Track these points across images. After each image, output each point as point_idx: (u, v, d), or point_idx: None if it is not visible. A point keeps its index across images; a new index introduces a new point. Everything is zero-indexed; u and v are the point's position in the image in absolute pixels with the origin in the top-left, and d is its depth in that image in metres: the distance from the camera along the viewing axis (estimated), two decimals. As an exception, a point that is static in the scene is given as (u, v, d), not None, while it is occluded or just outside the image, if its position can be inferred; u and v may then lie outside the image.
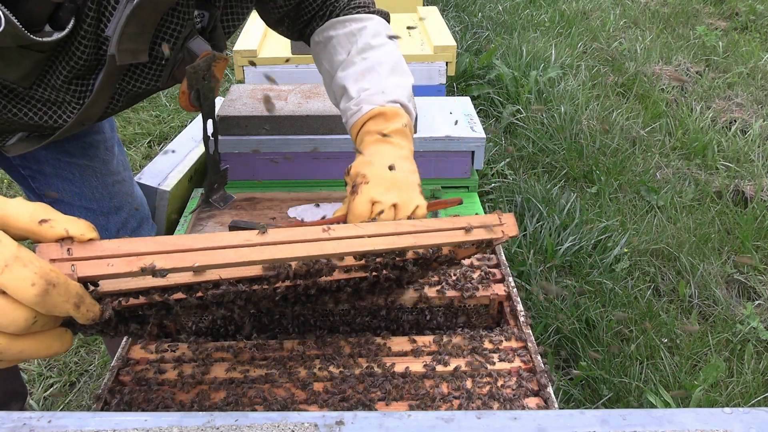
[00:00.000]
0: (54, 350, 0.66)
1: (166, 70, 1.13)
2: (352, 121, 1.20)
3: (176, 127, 3.74)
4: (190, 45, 1.11)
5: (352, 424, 0.75)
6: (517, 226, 0.96)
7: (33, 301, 0.60)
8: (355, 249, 0.82)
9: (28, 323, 0.61)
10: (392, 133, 1.16)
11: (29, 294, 0.59)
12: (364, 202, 1.07)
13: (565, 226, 2.80)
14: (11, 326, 0.60)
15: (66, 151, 1.41)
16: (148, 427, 0.74)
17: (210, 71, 1.14)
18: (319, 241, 0.80)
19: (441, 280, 1.23)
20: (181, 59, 1.12)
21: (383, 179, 1.09)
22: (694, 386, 2.05)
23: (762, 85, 4.29)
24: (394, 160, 1.13)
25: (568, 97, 3.91)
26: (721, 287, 2.56)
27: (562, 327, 2.29)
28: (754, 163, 3.38)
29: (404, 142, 1.17)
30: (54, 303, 0.61)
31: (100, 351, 2.28)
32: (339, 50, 1.27)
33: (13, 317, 0.60)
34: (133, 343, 1.11)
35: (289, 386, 1.01)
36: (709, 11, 5.61)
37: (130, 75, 1.11)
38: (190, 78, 1.12)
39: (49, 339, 0.65)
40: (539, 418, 0.77)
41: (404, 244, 0.86)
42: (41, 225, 0.64)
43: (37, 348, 0.64)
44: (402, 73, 1.26)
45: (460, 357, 1.07)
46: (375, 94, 1.18)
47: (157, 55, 1.09)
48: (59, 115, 1.10)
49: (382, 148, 1.15)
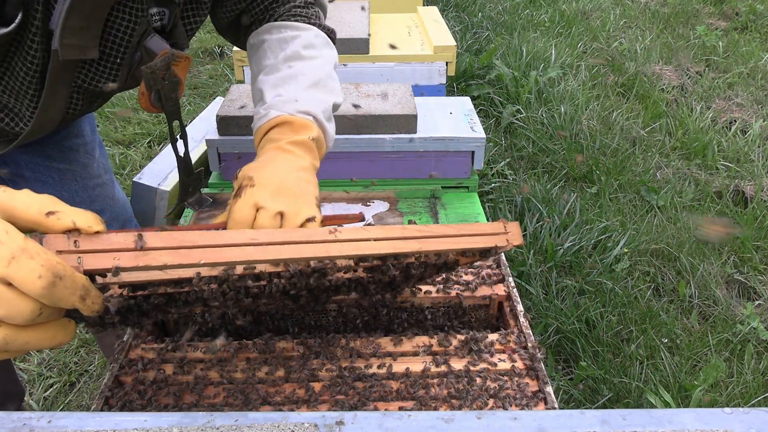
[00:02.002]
0: (58, 341, 0.66)
1: (123, 69, 1.10)
2: (257, 126, 1.13)
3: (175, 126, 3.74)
4: (147, 44, 1.07)
5: (352, 424, 0.75)
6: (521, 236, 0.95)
7: (39, 293, 0.60)
8: (360, 252, 0.82)
9: (34, 315, 0.61)
10: (294, 144, 1.07)
11: (36, 286, 0.59)
12: (248, 206, 0.96)
13: (565, 226, 2.81)
14: (17, 318, 0.60)
15: (46, 155, 1.39)
16: (148, 427, 0.74)
17: (170, 71, 1.09)
18: (325, 242, 0.79)
19: (441, 280, 1.23)
20: (138, 58, 1.09)
21: (270, 184, 0.98)
22: (694, 386, 2.05)
23: (762, 85, 4.29)
24: (289, 169, 1.03)
25: (568, 97, 3.91)
26: (721, 287, 2.56)
27: (562, 327, 2.29)
28: (754, 163, 3.38)
29: (306, 154, 1.08)
30: (60, 295, 0.62)
31: (100, 351, 2.28)
32: (268, 54, 1.22)
33: (19, 309, 0.60)
34: (133, 343, 1.11)
35: (289, 386, 1.01)
36: (709, 11, 5.62)
37: (85, 72, 1.08)
38: (148, 78, 1.07)
39: (53, 329, 0.65)
40: (539, 418, 0.77)
41: (409, 249, 0.86)
42: (48, 217, 0.64)
43: (42, 339, 0.64)
44: (325, 88, 1.19)
45: (460, 357, 1.07)
46: (287, 102, 1.12)
47: (109, 52, 1.05)
48: (16, 122, 1.08)
49: (279, 156, 1.05)
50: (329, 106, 1.16)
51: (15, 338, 0.61)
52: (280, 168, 1.02)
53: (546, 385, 1.01)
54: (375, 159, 1.86)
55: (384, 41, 2.56)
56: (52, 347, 0.66)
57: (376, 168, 1.86)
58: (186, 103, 4.07)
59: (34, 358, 2.25)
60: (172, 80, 1.10)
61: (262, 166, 1.02)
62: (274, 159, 1.04)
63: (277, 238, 0.76)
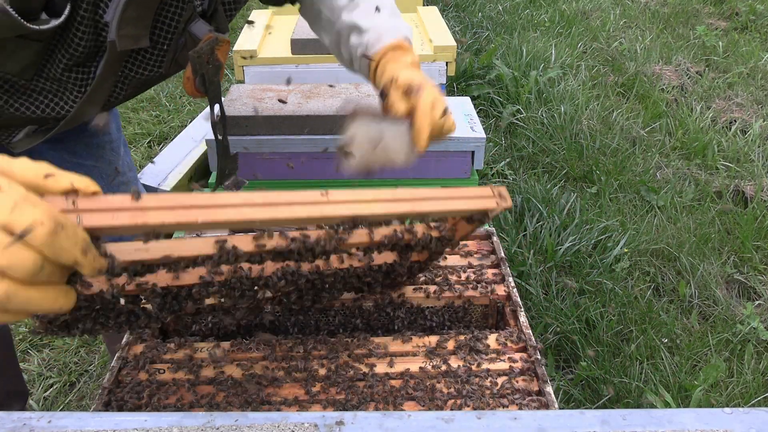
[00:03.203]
0: (59, 304, 0.65)
1: (168, 55, 1.12)
2: (375, 49, 1.20)
3: (176, 127, 3.74)
4: (191, 29, 1.10)
5: (352, 424, 0.75)
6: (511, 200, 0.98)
7: (42, 241, 0.59)
8: (355, 213, 0.82)
9: (36, 267, 0.60)
10: (416, 65, 1.18)
11: (39, 233, 0.59)
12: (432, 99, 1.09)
13: (565, 226, 2.81)
14: (19, 269, 0.59)
15: (72, 152, 1.41)
16: (148, 427, 0.74)
17: (213, 55, 1.12)
18: (319, 203, 0.80)
19: (441, 280, 1.23)
20: (183, 44, 1.12)
21: (431, 84, 1.12)
22: (694, 386, 2.05)
23: (762, 85, 4.29)
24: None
25: (568, 97, 3.91)
26: (721, 287, 2.56)
27: (562, 327, 2.29)
28: (754, 163, 3.38)
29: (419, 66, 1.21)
30: (62, 246, 0.61)
31: (100, 351, 2.28)
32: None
33: (22, 258, 0.59)
34: (134, 343, 1.11)
35: (289, 386, 1.01)
36: (709, 11, 5.61)
37: (132, 61, 1.11)
38: (194, 63, 1.10)
39: (55, 292, 0.65)
40: (539, 418, 0.77)
41: (402, 210, 0.87)
42: (46, 179, 0.65)
43: (43, 299, 0.63)
44: (398, 14, 1.30)
45: (460, 357, 1.07)
46: (389, 30, 1.21)
47: (158, 40, 1.08)
48: (61, 105, 1.10)
49: (418, 72, 1.16)
50: (410, 31, 1.27)
51: (16, 293, 0.60)
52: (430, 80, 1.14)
53: (546, 385, 1.01)
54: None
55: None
56: (52, 310, 0.65)
57: (376, 168, 1.86)
58: (186, 103, 4.08)
59: (35, 358, 2.25)
60: (215, 64, 1.13)
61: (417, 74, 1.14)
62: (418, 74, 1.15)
63: (272, 200, 0.77)
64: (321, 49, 2.40)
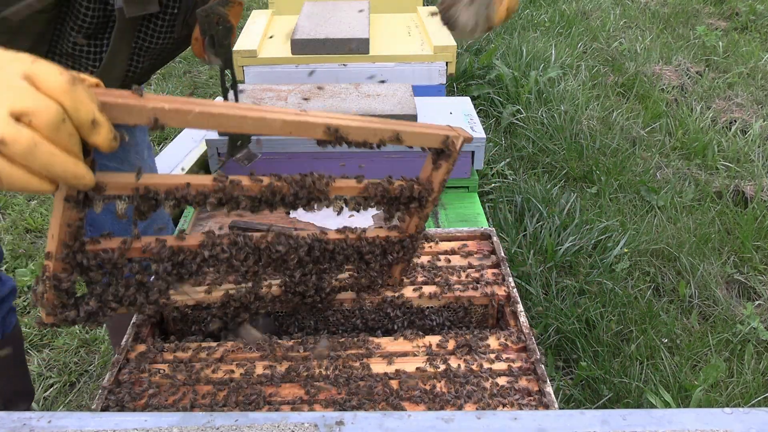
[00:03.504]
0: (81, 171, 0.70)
1: (179, 17, 1.10)
2: None
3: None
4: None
5: (352, 424, 0.75)
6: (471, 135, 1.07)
7: (63, 89, 0.64)
8: (333, 122, 0.90)
9: (59, 115, 0.64)
10: None
11: (59, 81, 0.64)
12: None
13: (565, 226, 2.81)
14: (44, 115, 0.63)
15: (98, 154, 1.40)
16: (148, 427, 0.74)
17: (224, 15, 1.08)
18: (301, 114, 0.89)
19: (441, 280, 1.23)
20: (193, 4, 1.09)
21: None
22: (694, 386, 2.05)
23: (762, 85, 4.29)
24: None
25: (568, 97, 3.91)
26: (721, 287, 2.56)
27: (562, 327, 2.29)
28: (754, 163, 3.38)
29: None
30: (81, 98, 0.66)
31: (100, 351, 2.28)
32: None
33: (47, 105, 0.63)
34: (134, 343, 1.11)
35: (289, 386, 1.01)
36: (709, 11, 5.61)
37: (144, 30, 1.09)
38: (203, 22, 1.06)
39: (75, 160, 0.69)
40: (539, 418, 0.77)
41: (376, 126, 0.95)
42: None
43: (66, 160, 0.67)
44: None
45: (460, 357, 1.07)
46: None
47: (167, 2, 1.06)
48: None
49: None
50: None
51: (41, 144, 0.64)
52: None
53: (546, 385, 1.01)
54: (375, 159, 1.86)
55: (384, 41, 2.56)
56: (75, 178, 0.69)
57: (376, 168, 1.86)
58: (186, 103, 4.07)
59: (35, 358, 2.25)
60: (225, 26, 1.08)
61: None
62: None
63: (259, 107, 0.87)
64: (321, 48, 2.40)
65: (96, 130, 0.69)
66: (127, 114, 0.75)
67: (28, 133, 0.63)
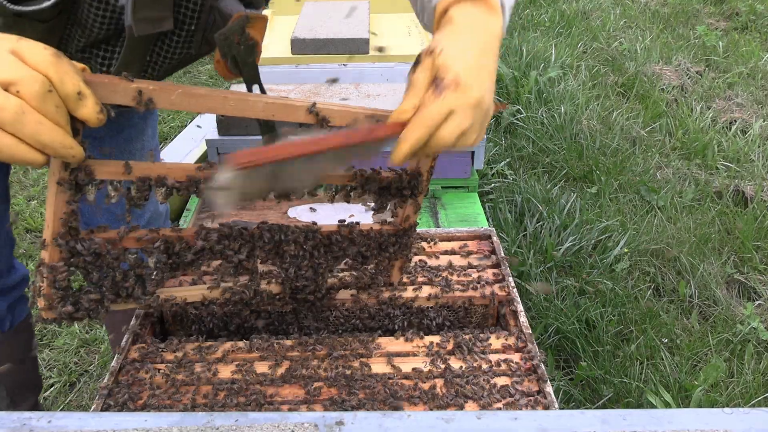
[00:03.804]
0: (69, 143, 0.72)
1: (197, 35, 1.05)
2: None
3: (176, 127, 3.74)
4: (220, 5, 1.01)
5: (352, 424, 0.75)
6: None
7: (48, 61, 0.67)
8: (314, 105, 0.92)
9: (45, 85, 0.67)
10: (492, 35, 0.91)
11: (44, 54, 0.68)
12: (444, 111, 0.85)
13: (565, 226, 2.81)
14: (30, 83, 0.66)
15: (104, 154, 1.39)
16: (148, 427, 0.74)
17: (245, 34, 1.00)
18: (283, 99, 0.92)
19: (441, 281, 1.23)
20: (212, 21, 1.04)
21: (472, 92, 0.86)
22: (694, 386, 2.05)
23: (762, 85, 4.29)
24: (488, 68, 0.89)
25: (568, 97, 3.91)
26: (721, 287, 2.56)
27: (562, 327, 2.29)
28: (754, 163, 3.38)
29: (497, 52, 0.93)
30: (66, 69, 0.69)
31: (100, 351, 2.28)
32: None
33: (32, 75, 0.67)
34: (134, 344, 1.11)
35: (289, 386, 1.01)
36: (709, 11, 5.61)
37: (160, 45, 1.05)
38: (222, 45, 0.99)
39: (63, 132, 0.71)
40: (539, 418, 0.77)
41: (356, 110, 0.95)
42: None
43: (53, 130, 0.70)
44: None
45: (460, 357, 1.07)
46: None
47: (183, 20, 1.01)
48: None
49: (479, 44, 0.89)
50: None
51: (29, 112, 0.67)
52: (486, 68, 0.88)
53: (546, 385, 1.01)
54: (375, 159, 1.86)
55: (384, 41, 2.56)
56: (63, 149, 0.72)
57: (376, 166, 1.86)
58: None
59: (34, 358, 2.25)
60: (247, 44, 1.01)
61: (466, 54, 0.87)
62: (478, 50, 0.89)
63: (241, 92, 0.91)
64: (321, 48, 2.40)
65: (82, 102, 0.71)
66: (112, 92, 0.78)
67: (16, 100, 0.66)
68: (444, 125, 0.85)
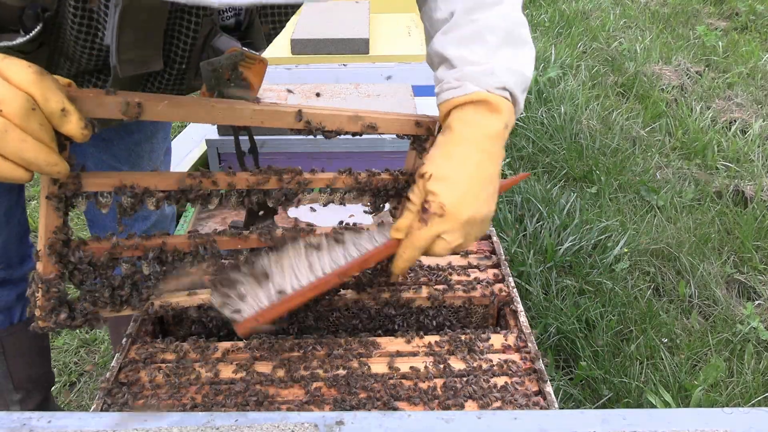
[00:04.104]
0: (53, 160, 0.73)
1: (189, 73, 1.02)
2: (447, 96, 0.95)
3: (176, 127, 3.74)
4: (215, 44, 0.97)
5: (352, 424, 0.75)
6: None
7: (31, 80, 0.68)
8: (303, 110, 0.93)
9: (28, 103, 0.68)
10: (492, 140, 0.93)
11: (27, 72, 0.68)
12: (430, 236, 0.92)
13: (565, 226, 2.81)
14: (12, 102, 0.67)
15: (112, 154, 1.40)
16: (148, 427, 0.74)
17: (236, 72, 0.95)
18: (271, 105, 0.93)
19: (442, 280, 1.23)
20: (205, 58, 0.98)
21: (461, 215, 0.91)
22: (694, 386, 2.05)
23: (762, 85, 4.29)
24: (484, 185, 0.94)
25: (568, 97, 3.91)
26: (721, 287, 2.56)
27: (562, 327, 2.29)
28: (754, 163, 3.38)
29: (500, 151, 0.95)
30: (49, 86, 0.70)
31: (100, 351, 2.28)
32: (440, 6, 1.00)
33: (14, 93, 0.67)
34: (134, 344, 1.11)
35: (289, 386, 1.01)
36: (709, 11, 5.61)
37: (152, 81, 1.02)
38: (208, 77, 0.92)
39: (48, 150, 0.72)
40: (539, 418, 0.77)
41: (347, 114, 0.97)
42: None
43: (38, 147, 0.71)
44: (517, 42, 0.97)
45: (460, 357, 1.07)
46: (483, 75, 0.93)
47: (174, 58, 0.97)
48: None
49: (474, 157, 0.92)
50: (526, 65, 0.98)
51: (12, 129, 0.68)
52: (478, 183, 0.93)
53: (546, 385, 1.01)
54: (375, 159, 1.86)
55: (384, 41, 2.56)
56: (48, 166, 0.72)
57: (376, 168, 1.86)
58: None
59: (34, 358, 2.25)
60: (240, 83, 0.96)
61: (456, 175, 0.92)
62: (470, 164, 0.92)
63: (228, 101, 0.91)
64: (321, 48, 2.40)
65: (66, 118, 0.72)
66: (98, 105, 0.78)
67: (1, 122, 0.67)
68: (434, 245, 0.94)
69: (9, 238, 1.37)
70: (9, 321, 1.48)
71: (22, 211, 1.40)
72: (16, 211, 1.38)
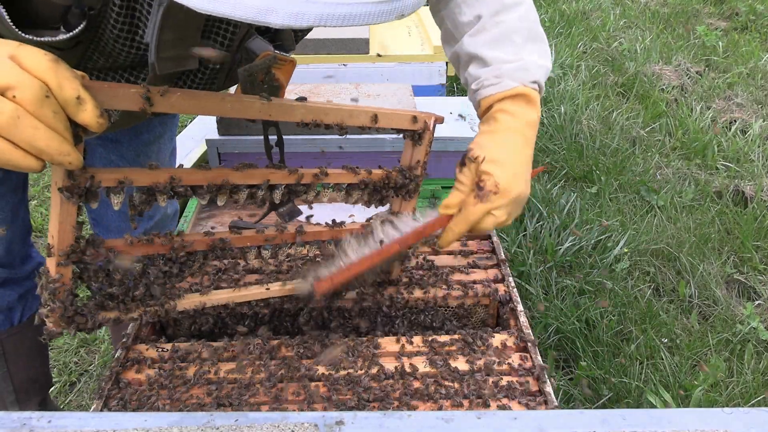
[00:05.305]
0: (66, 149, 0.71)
1: (222, 73, 1.05)
2: (489, 92, 1.06)
3: (176, 127, 3.74)
4: (249, 45, 1.00)
5: (352, 424, 0.75)
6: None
7: (46, 67, 0.68)
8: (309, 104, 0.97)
9: (42, 90, 0.67)
10: (531, 126, 1.07)
11: (43, 60, 0.68)
12: (485, 211, 1.03)
13: (565, 226, 2.80)
14: (27, 88, 0.66)
15: (120, 154, 1.41)
16: (148, 427, 0.74)
17: (270, 74, 0.99)
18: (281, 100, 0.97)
19: (442, 281, 1.23)
20: (239, 60, 1.02)
21: (512, 191, 1.05)
22: (694, 386, 2.05)
23: (762, 85, 4.29)
24: (526, 166, 1.08)
25: (568, 97, 3.91)
26: (721, 287, 2.56)
27: (562, 327, 2.29)
28: (754, 163, 3.38)
29: (534, 137, 1.09)
30: (64, 75, 0.69)
31: (100, 351, 2.28)
32: (463, 10, 1.10)
33: (28, 81, 0.67)
34: (134, 343, 1.11)
35: (289, 386, 1.01)
36: (709, 11, 5.61)
37: (183, 79, 1.04)
38: (245, 81, 0.98)
39: (61, 139, 0.71)
40: (539, 418, 0.77)
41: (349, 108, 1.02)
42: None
43: (51, 136, 0.69)
44: (537, 38, 1.11)
45: (460, 357, 1.07)
46: (518, 71, 1.05)
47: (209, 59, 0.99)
48: None
49: (519, 142, 1.06)
50: (548, 69, 1.11)
51: (24, 116, 0.67)
52: (523, 165, 1.07)
53: (546, 385, 1.01)
54: (375, 159, 1.86)
55: (384, 41, 2.56)
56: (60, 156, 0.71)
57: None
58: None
59: (34, 358, 2.25)
60: (272, 84, 1.00)
61: (506, 158, 1.04)
62: (516, 149, 1.06)
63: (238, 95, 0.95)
64: (321, 48, 2.40)
65: (82, 107, 0.71)
66: (112, 96, 0.77)
67: (12, 105, 0.66)
68: (484, 220, 1.04)
69: (14, 237, 1.37)
70: (9, 322, 1.47)
71: (26, 210, 1.40)
72: (21, 210, 1.38)
